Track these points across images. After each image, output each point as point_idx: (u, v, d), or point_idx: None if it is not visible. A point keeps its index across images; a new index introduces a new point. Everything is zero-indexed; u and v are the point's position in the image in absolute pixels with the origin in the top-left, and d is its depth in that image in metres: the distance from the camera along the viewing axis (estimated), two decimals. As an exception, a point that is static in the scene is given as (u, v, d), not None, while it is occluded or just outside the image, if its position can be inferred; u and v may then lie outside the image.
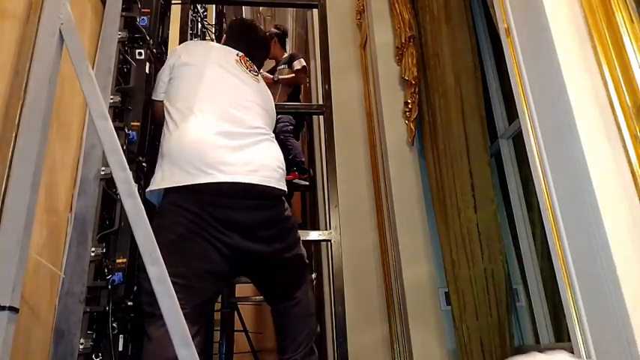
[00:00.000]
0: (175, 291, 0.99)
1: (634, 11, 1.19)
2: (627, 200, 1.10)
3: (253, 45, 1.95)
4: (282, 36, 4.21)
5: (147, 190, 1.52)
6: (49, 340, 1.33)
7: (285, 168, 1.68)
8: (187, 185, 1.43)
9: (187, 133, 1.51)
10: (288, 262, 1.64)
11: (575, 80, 1.21)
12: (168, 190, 1.47)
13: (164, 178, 1.47)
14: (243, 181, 1.48)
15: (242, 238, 1.50)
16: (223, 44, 1.94)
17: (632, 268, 1.06)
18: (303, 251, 1.71)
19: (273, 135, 1.73)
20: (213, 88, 1.65)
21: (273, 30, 4.20)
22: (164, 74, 1.72)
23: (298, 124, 3.87)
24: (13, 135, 1.12)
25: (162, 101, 1.69)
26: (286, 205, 1.66)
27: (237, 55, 1.83)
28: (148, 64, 1.74)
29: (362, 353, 2.56)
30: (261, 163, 1.55)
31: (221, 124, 1.56)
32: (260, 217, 1.54)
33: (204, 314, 1.54)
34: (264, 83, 1.89)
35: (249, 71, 1.81)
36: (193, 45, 1.89)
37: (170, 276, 1.00)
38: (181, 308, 0.97)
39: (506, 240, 2.24)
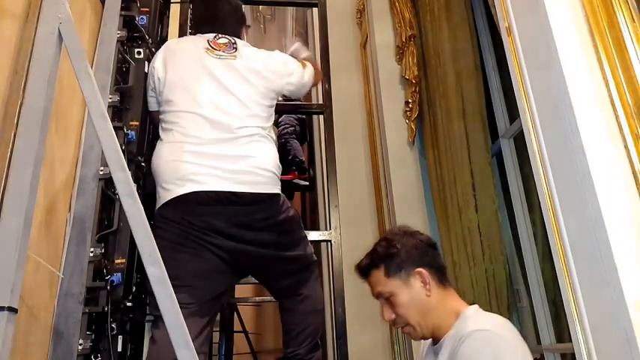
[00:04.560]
0: (178, 292, 0.99)
1: (635, 10, 1.18)
2: (629, 200, 1.10)
3: (220, 18, 1.82)
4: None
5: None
6: (48, 340, 1.33)
7: (277, 168, 1.62)
8: (168, 201, 1.48)
9: (163, 152, 1.55)
10: (290, 261, 1.62)
11: (577, 79, 1.21)
12: (158, 208, 1.53)
13: (157, 199, 1.54)
14: (218, 189, 1.47)
15: (232, 241, 1.50)
16: (192, 29, 1.89)
17: (633, 268, 1.05)
18: (308, 249, 1.69)
19: (266, 130, 1.63)
20: (192, 98, 1.58)
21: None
22: (149, 89, 1.70)
23: (302, 125, 3.84)
24: (12, 134, 1.12)
25: (157, 111, 1.70)
26: (285, 205, 1.62)
27: (208, 41, 1.71)
28: (147, 63, 1.74)
29: (362, 353, 2.55)
30: (241, 169, 1.52)
31: (199, 134, 1.53)
32: (245, 221, 1.52)
33: (214, 310, 1.54)
34: (245, 55, 1.71)
35: (224, 52, 1.69)
36: (168, 53, 1.71)
37: (170, 279, 0.99)
38: (187, 306, 0.96)
39: (508, 240, 2.23)
